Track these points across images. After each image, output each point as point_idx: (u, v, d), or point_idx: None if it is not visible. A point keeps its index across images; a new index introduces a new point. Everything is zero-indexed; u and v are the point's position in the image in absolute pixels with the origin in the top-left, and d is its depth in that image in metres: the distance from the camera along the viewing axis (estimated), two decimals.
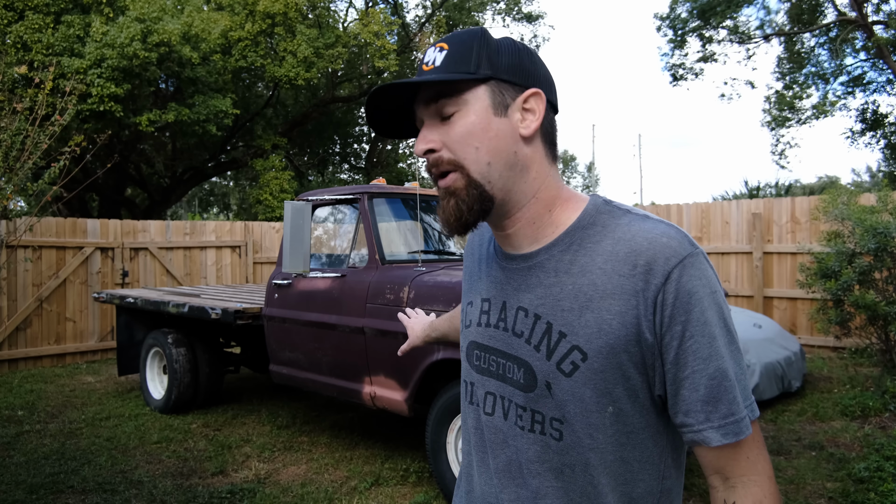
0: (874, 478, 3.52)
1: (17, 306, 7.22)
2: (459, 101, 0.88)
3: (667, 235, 0.84)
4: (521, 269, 0.94)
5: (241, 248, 9.54)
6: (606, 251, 0.87)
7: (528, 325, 0.91)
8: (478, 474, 1.01)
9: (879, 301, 5.01)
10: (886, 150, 15.82)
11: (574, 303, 0.87)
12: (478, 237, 1.12)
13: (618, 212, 0.91)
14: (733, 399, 0.82)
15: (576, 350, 0.85)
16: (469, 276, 1.10)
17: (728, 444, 0.82)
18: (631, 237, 0.86)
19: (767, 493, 0.83)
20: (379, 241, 3.95)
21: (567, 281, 0.88)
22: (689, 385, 0.82)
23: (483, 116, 0.88)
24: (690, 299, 0.82)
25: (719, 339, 0.83)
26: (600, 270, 0.86)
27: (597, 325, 0.84)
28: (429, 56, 0.91)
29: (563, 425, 0.87)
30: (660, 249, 0.83)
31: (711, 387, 0.82)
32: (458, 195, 0.89)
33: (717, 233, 8.14)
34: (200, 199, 27.39)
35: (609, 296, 0.84)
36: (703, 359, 0.81)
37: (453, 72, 0.87)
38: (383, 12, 14.10)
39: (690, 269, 0.82)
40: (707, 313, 0.82)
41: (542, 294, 0.90)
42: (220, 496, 3.53)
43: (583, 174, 42.27)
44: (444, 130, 0.89)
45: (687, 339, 0.82)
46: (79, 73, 9.21)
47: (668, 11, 15.88)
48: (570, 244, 0.90)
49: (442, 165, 0.89)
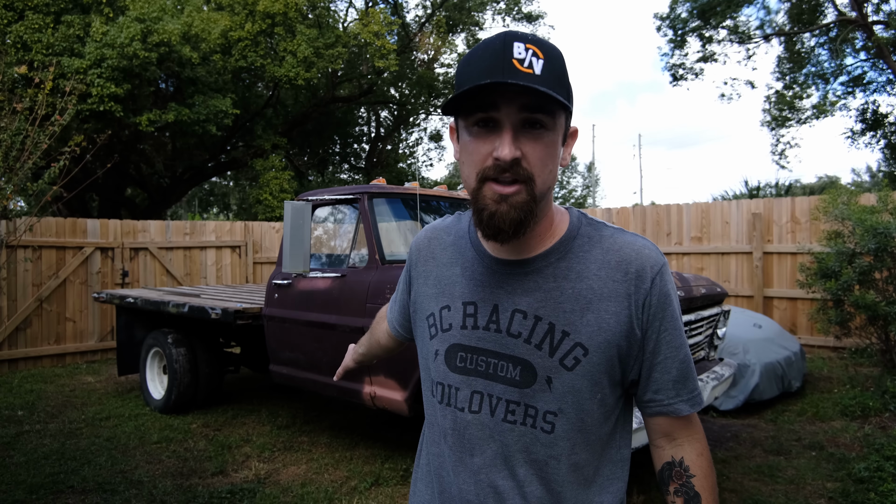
0: (874, 478, 3.52)
1: (17, 306, 7.22)
2: (552, 121, 0.92)
3: (647, 248, 1.01)
4: (517, 274, 1.01)
5: (241, 248, 9.54)
6: (598, 259, 1.00)
7: (528, 326, 0.98)
8: (454, 474, 1.05)
9: (879, 301, 5.01)
10: (886, 150, 15.82)
11: (575, 305, 0.97)
12: (435, 242, 1.15)
13: (597, 224, 1.05)
14: (695, 378, 1.03)
15: (578, 347, 0.96)
16: (437, 282, 1.11)
17: (685, 418, 1.02)
18: (619, 248, 1.00)
19: (705, 447, 1.04)
20: (379, 241, 3.95)
21: (566, 286, 0.99)
22: (660, 369, 1.00)
23: (558, 143, 0.95)
24: (666, 300, 1.00)
25: (682, 330, 1.02)
26: (595, 276, 0.99)
27: (597, 324, 0.97)
28: (521, 53, 0.88)
29: (556, 417, 0.98)
30: (645, 259, 0.99)
31: (681, 369, 1.01)
32: (517, 206, 0.91)
33: (717, 233, 8.14)
34: (200, 199, 27.38)
35: (606, 298, 0.98)
36: (675, 347, 1.00)
37: (554, 88, 0.89)
38: (383, 12, 14.10)
39: (665, 275, 1.00)
40: (676, 311, 1.01)
41: (541, 298, 0.99)
42: (220, 496, 3.53)
43: (583, 174, 42.23)
44: (528, 143, 0.91)
45: (663, 332, 1.00)
46: (79, 73, 9.21)
47: (668, 11, 15.87)
48: (565, 253, 1.01)
49: (519, 175, 0.91)
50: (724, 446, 4.28)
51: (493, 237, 0.94)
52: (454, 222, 1.17)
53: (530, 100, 0.88)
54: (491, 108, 0.90)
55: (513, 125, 0.90)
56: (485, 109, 0.90)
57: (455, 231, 1.14)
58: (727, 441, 4.39)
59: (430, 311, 1.10)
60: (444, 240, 1.14)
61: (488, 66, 0.88)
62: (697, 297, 3.69)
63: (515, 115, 0.89)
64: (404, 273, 1.25)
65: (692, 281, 3.85)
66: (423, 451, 1.18)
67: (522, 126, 0.90)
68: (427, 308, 1.11)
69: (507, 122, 0.90)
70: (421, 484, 1.17)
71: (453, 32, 17.48)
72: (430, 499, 1.12)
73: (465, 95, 0.89)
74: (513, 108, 0.89)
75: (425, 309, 1.12)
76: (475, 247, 1.07)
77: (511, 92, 0.88)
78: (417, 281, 1.16)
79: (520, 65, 0.87)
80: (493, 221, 0.92)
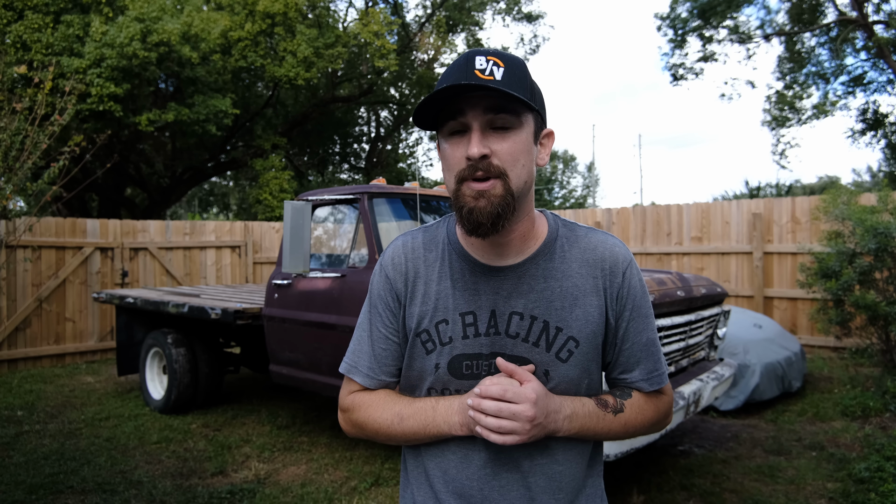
0: (875, 478, 3.51)
1: (17, 306, 7.21)
2: (517, 119, 1.01)
3: (617, 245, 1.13)
4: (511, 279, 1.09)
5: (241, 248, 9.53)
6: (578, 258, 1.11)
7: (525, 326, 1.07)
8: (456, 471, 1.09)
9: (880, 301, 5.00)
10: (887, 149, 15.82)
11: (564, 302, 1.08)
12: (415, 261, 1.14)
13: (570, 224, 1.15)
14: (659, 359, 1.15)
15: (571, 340, 1.07)
16: (425, 299, 1.11)
17: (653, 391, 1.14)
18: (594, 247, 1.12)
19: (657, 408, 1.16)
20: (379, 241, 3.95)
21: (555, 285, 1.09)
22: (627, 353, 1.12)
23: (529, 140, 1.03)
24: (634, 291, 1.12)
25: (649, 318, 1.14)
26: (578, 275, 1.10)
27: (584, 318, 1.08)
28: (482, 64, 0.98)
29: None
30: (617, 257, 1.11)
31: (646, 352, 1.13)
32: (494, 200, 0.99)
33: (717, 233, 8.13)
34: (200, 199, 27.38)
35: (589, 293, 1.09)
36: (640, 331, 1.12)
37: (517, 91, 0.97)
38: (383, 12, 14.08)
39: (633, 268, 1.13)
40: (642, 300, 1.13)
41: (534, 298, 1.08)
42: (220, 496, 3.53)
43: (583, 174, 42.21)
44: (497, 141, 1.00)
45: (632, 320, 1.12)
46: (78, 73, 9.20)
47: (669, 11, 15.87)
48: (551, 254, 1.10)
49: (490, 171, 0.99)
50: (725, 446, 4.28)
51: (474, 232, 1.01)
52: (428, 237, 1.16)
53: (493, 102, 0.98)
54: (458, 114, 1.00)
55: (480, 126, 0.99)
56: (454, 117, 1.01)
57: (435, 246, 1.14)
58: (727, 441, 4.38)
59: (423, 328, 1.11)
60: (427, 257, 1.14)
61: (453, 79, 0.98)
62: (697, 297, 3.69)
63: (481, 117, 0.99)
64: (380, 304, 1.15)
65: (692, 281, 3.85)
66: (411, 458, 1.17)
67: (491, 127, 1.00)
68: (419, 326, 1.11)
69: (474, 123, 0.99)
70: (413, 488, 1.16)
71: (453, 32, 17.47)
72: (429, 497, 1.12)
73: (430, 104, 1.00)
74: (478, 111, 0.99)
75: (417, 327, 1.11)
76: (463, 257, 1.11)
77: (475, 96, 0.98)
78: (405, 302, 1.13)
79: (481, 73, 0.97)
80: (473, 216, 0.99)
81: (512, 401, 0.98)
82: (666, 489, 3.55)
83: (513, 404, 0.98)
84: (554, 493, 1.08)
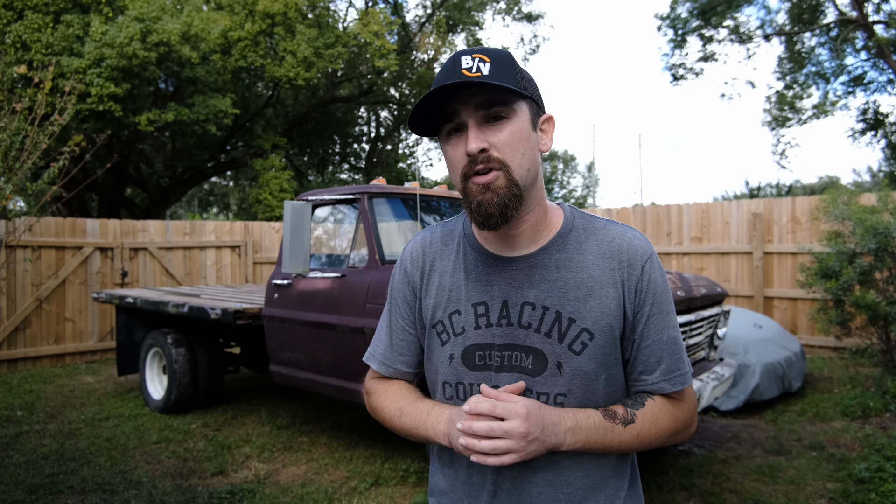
0: (875, 478, 3.51)
1: (17, 306, 7.21)
2: (510, 109, 1.01)
3: (637, 238, 1.10)
4: (523, 269, 1.08)
5: (241, 248, 9.53)
6: (595, 250, 1.09)
7: (537, 317, 1.06)
8: (467, 464, 1.11)
9: (880, 301, 5.00)
10: (887, 149, 15.81)
11: (578, 293, 1.06)
12: (432, 254, 1.18)
13: (589, 217, 1.14)
14: (682, 358, 1.10)
15: (585, 332, 1.05)
16: (440, 290, 1.15)
17: (672, 399, 1.09)
18: (612, 239, 1.09)
19: (676, 416, 1.10)
20: (379, 241, 3.94)
21: (568, 276, 1.07)
22: (647, 351, 1.08)
23: (527, 127, 1.03)
24: (655, 286, 1.08)
25: (670, 315, 1.10)
26: (594, 265, 1.07)
27: (599, 310, 1.05)
28: (468, 63, 0.99)
29: (566, 398, 1.05)
30: (636, 249, 1.08)
31: (668, 351, 1.09)
32: (499, 192, 1.00)
33: (717, 233, 8.13)
34: (200, 199, 27.36)
35: (605, 285, 1.06)
36: (661, 329, 1.08)
37: (506, 82, 0.98)
38: (383, 12, 14.07)
39: (654, 262, 1.09)
40: (663, 295, 1.09)
41: (546, 288, 1.06)
42: (220, 496, 3.53)
43: (583, 174, 42.18)
44: (493, 133, 1.01)
45: (652, 316, 1.08)
46: (78, 73, 9.20)
47: (669, 11, 15.86)
48: (564, 244, 1.09)
49: (490, 163, 1.00)
50: (725, 446, 4.28)
51: (485, 224, 1.02)
52: (446, 231, 1.21)
53: (484, 97, 0.99)
54: (453, 115, 1.02)
55: (475, 123, 1.01)
56: (449, 119, 1.03)
57: (451, 239, 1.19)
58: (727, 441, 4.38)
59: (438, 318, 1.14)
60: (444, 250, 1.18)
61: (441, 82, 0.99)
62: (697, 297, 3.69)
63: (475, 113, 1.00)
64: (398, 296, 1.21)
65: (692, 281, 3.85)
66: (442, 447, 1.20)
67: (486, 122, 1.01)
68: (433, 317, 1.15)
69: (468, 121, 1.01)
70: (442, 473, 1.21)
71: (453, 32, 17.46)
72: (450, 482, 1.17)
73: (422, 108, 1.01)
74: (470, 109, 1.00)
75: (432, 318, 1.15)
76: (477, 249, 1.13)
77: (466, 94, 1.00)
78: (420, 294, 1.19)
79: (468, 72, 0.98)
80: (481, 209, 1.01)
81: (502, 416, 0.96)
82: (666, 489, 3.55)
83: (504, 421, 0.95)
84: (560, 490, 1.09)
